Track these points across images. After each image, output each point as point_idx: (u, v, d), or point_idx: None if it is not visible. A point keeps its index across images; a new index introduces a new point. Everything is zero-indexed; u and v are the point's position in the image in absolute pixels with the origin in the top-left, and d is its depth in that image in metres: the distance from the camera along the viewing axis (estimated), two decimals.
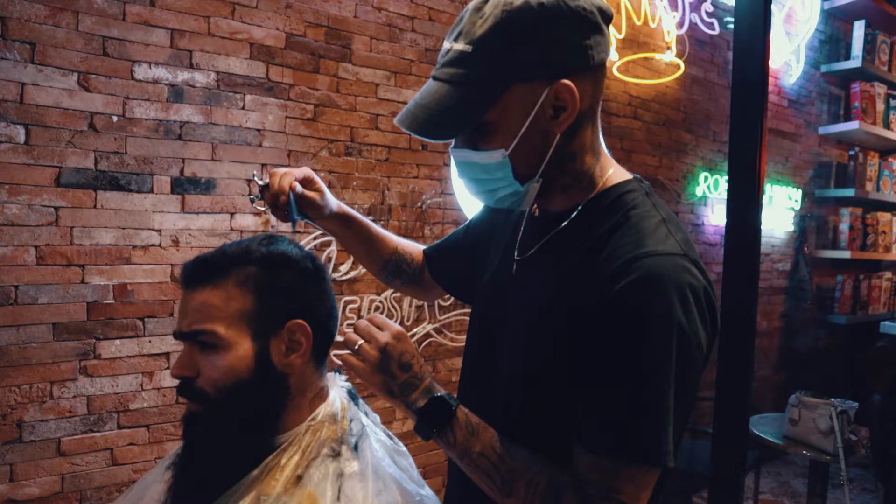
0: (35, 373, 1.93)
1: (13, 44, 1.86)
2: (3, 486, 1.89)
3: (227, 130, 2.25)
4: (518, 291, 0.92)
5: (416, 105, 0.81)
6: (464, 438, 0.82)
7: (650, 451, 0.75)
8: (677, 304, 0.74)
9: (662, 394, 0.74)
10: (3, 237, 1.87)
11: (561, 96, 0.79)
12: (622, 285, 0.75)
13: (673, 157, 3.80)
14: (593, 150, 0.87)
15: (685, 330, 0.74)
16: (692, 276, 0.77)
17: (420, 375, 0.84)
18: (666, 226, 0.81)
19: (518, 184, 0.83)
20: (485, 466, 0.81)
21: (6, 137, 1.86)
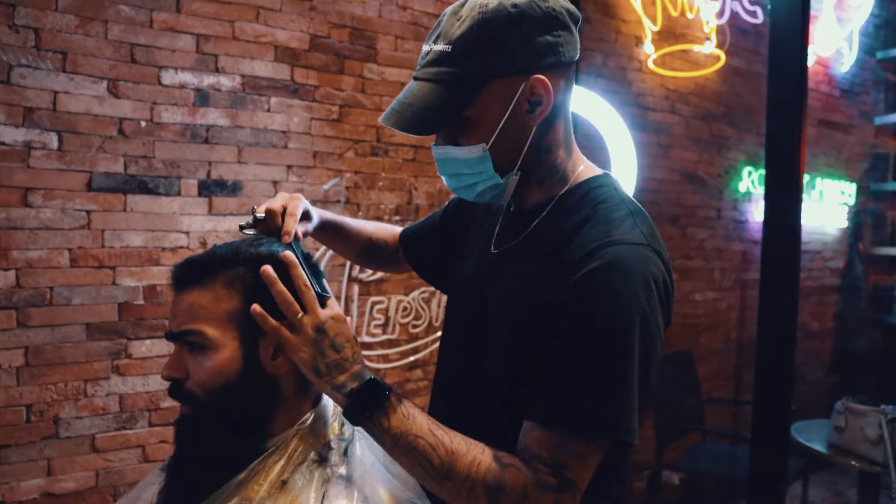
0: (70, 371, 1.99)
1: (46, 53, 1.93)
2: (41, 480, 1.96)
3: (253, 133, 2.27)
4: (495, 288, 0.94)
5: (400, 104, 0.85)
6: (398, 422, 0.79)
7: (610, 427, 0.77)
8: (640, 290, 0.78)
9: (623, 370, 0.77)
10: (39, 240, 1.94)
11: (536, 90, 0.83)
12: (588, 269, 0.78)
13: (714, 152, 3.66)
14: (566, 146, 0.92)
15: (646, 314, 0.78)
16: (654, 266, 0.81)
17: (351, 360, 0.82)
18: (633, 218, 0.85)
19: (498, 177, 0.87)
20: (423, 449, 0.78)
21: (40, 144, 1.93)
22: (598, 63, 3.16)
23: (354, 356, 0.83)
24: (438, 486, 0.80)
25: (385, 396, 0.80)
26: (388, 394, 0.80)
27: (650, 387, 0.82)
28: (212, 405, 0.84)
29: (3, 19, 1.86)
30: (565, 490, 0.77)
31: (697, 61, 3.52)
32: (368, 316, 2.56)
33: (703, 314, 3.66)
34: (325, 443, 0.87)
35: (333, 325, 0.83)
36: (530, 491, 0.77)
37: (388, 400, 0.80)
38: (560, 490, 0.77)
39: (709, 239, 3.68)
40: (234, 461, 0.84)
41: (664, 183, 3.44)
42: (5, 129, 1.88)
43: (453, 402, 0.98)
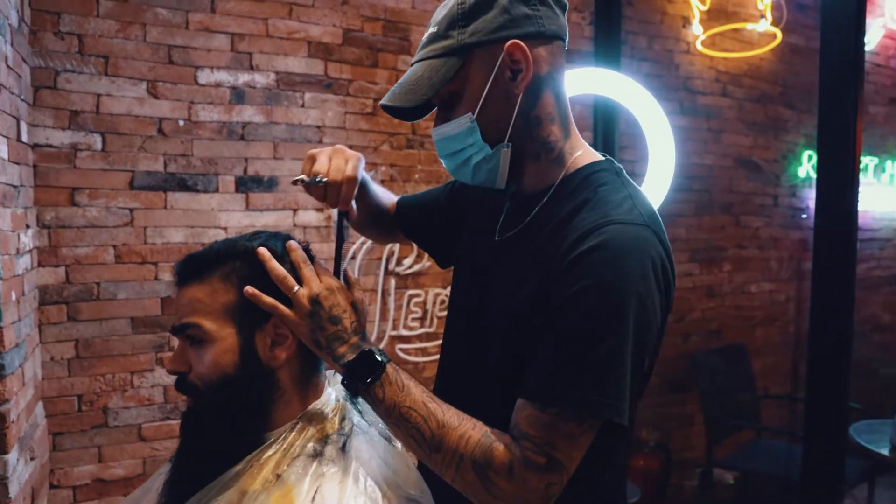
0: (117, 363, 2.08)
1: (89, 58, 2.00)
2: (92, 467, 2.06)
3: (288, 129, 2.30)
4: (496, 277, 0.94)
5: (397, 85, 0.90)
6: (393, 393, 0.82)
7: (599, 406, 0.75)
8: (636, 271, 0.77)
9: (616, 354, 0.76)
10: (86, 238, 2.02)
11: (515, 57, 0.84)
12: (584, 248, 0.78)
13: (770, 136, 3.48)
14: (561, 124, 0.91)
15: (642, 296, 0.77)
16: (652, 247, 0.80)
17: (349, 330, 0.85)
18: (632, 200, 0.84)
19: (488, 147, 0.88)
20: (414, 420, 0.81)
21: (85, 146, 2.01)
22: (642, 46, 3.05)
23: (353, 326, 0.85)
24: (429, 458, 0.82)
25: (380, 367, 0.82)
26: (383, 364, 0.83)
27: (645, 372, 0.81)
28: (211, 397, 0.86)
29: (49, 27, 1.95)
30: (552, 470, 0.77)
31: (751, 40, 3.34)
32: (406, 309, 2.56)
33: (758, 306, 3.49)
34: (323, 437, 0.87)
35: (328, 295, 0.85)
36: (517, 468, 0.77)
37: (383, 371, 0.82)
38: (547, 469, 0.77)
39: (764, 227, 3.50)
40: (233, 453, 0.85)
41: (715, 169, 3.29)
42: (53, 132, 1.97)
43: (455, 391, 0.97)
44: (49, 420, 2.00)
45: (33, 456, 1.81)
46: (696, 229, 3.25)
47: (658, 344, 0.85)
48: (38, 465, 1.87)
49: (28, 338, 1.81)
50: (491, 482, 0.78)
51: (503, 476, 0.77)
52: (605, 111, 2.83)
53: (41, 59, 1.94)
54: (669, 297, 0.84)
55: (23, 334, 1.74)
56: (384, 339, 2.52)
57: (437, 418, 0.81)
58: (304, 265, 0.87)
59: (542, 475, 0.77)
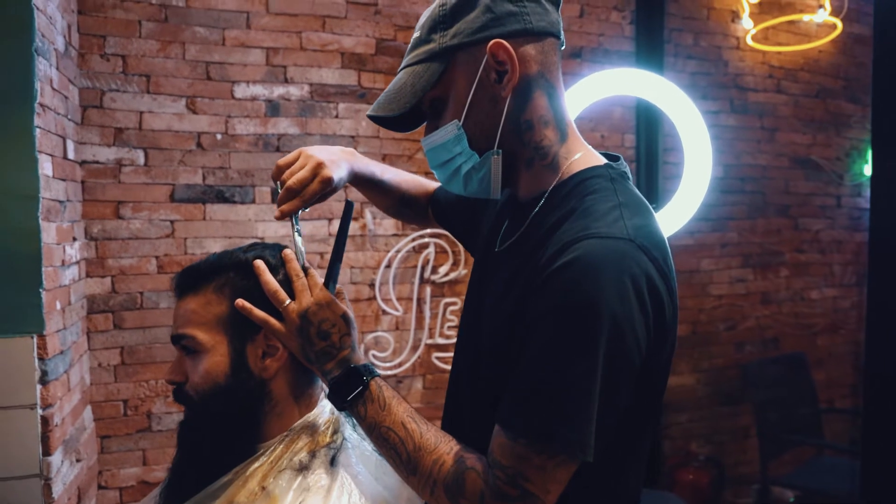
0: (159, 370, 2.16)
1: (132, 77, 2.09)
2: (137, 469, 2.14)
3: (323, 139, 2.34)
4: (490, 288, 0.91)
5: (382, 95, 0.88)
6: (374, 412, 0.82)
7: (561, 441, 0.70)
8: (610, 289, 0.70)
9: (583, 383, 0.70)
10: (130, 249, 2.11)
11: (499, 57, 0.80)
12: (557, 265, 0.72)
13: (831, 133, 3.28)
14: (556, 127, 0.86)
15: (617, 318, 0.70)
16: (634, 263, 0.72)
17: (338, 345, 0.85)
18: (620, 210, 0.77)
19: (476, 155, 0.85)
20: (392, 441, 0.81)
21: (129, 161, 2.10)
22: (687, 44, 2.94)
23: (342, 341, 0.85)
24: (406, 480, 0.82)
25: (363, 385, 0.83)
26: (365, 381, 0.83)
27: (619, 402, 0.73)
28: (204, 407, 0.87)
29: (96, 49, 2.05)
30: (525, 502, 0.72)
31: (808, 32, 3.17)
32: (441, 318, 2.55)
33: (819, 314, 3.29)
34: (312, 450, 0.86)
35: (317, 310, 0.85)
36: (487, 498, 0.74)
37: (366, 388, 0.83)
38: (520, 502, 0.73)
39: (826, 230, 3.30)
40: (224, 463, 0.86)
41: (769, 170, 3.13)
42: (100, 149, 2.07)
43: (455, 406, 0.96)
44: (97, 423, 2.09)
45: (80, 458, 1.90)
46: (749, 232, 3.10)
47: (657, 373, 0.79)
48: (86, 467, 1.95)
49: (74, 345, 1.90)
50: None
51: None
52: (648, 113, 2.75)
53: (88, 80, 2.05)
54: (662, 318, 0.76)
55: (68, 342, 1.83)
56: (420, 347, 2.51)
57: (414, 441, 0.80)
58: (297, 278, 0.88)
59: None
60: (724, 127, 2.98)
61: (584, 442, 0.70)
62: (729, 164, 3.00)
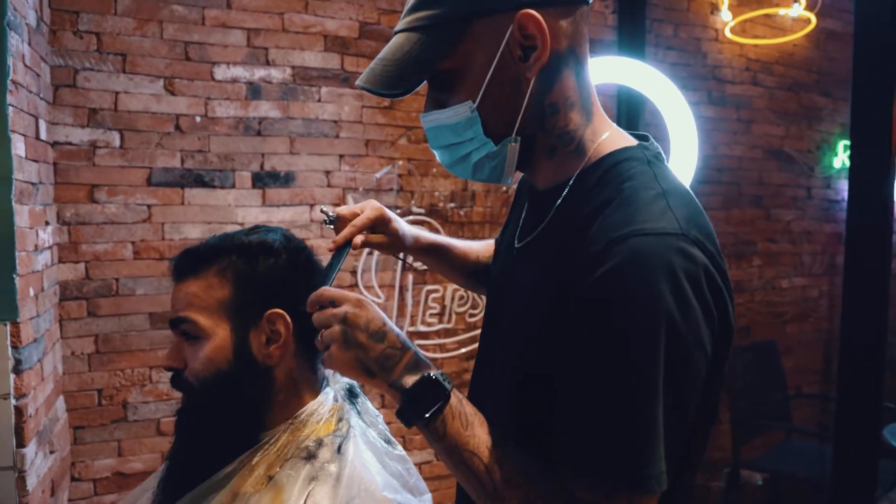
0: (136, 358, 2.10)
1: (107, 56, 2.02)
2: (111, 460, 2.09)
3: (305, 123, 2.29)
4: (514, 283, 0.82)
5: (376, 61, 0.74)
6: (455, 431, 0.69)
7: (625, 473, 0.62)
8: (668, 295, 0.60)
9: (645, 403, 0.62)
10: (104, 234, 2.04)
11: (527, 31, 0.68)
12: (600, 273, 0.62)
13: (803, 126, 3.35)
14: (582, 108, 0.75)
15: (678, 325, 0.61)
16: (688, 260, 0.62)
17: (399, 345, 0.71)
18: (665, 199, 0.67)
19: (491, 143, 0.73)
20: (477, 468, 0.68)
21: (104, 143, 2.03)
22: (667, 35, 2.96)
23: (400, 339, 0.72)
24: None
25: (445, 396, 0.69)
26: (447, 392, 0.69)
27: (689, 418, 0.65)
28: (205, 394, 0.84)
29: (68, 26, 1.97)
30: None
31: (783, 26, 3.22)
32: (424, 305, 2.54)
33: (789, 302, 3.38)
34: (318, 438, 0.85)
35: (359, 312, 0.72)
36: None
37: (446, 403, 0.69)
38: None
39: (797, 220, 3.38)
40: (227, 452, 0.84)
41: (745, 161, 3.19)
42: (73, 129, 1.99)
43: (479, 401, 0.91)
44: (70, 414, 2.03)
45: (53, 449, 1.84)
46: (724, 223, 3.15)
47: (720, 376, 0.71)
48: (59, 459, 1.90)
49: (48, 333, 1.84)
50: None
51: None
52: (629, 101, 2.76)
53: (60, 58, 1.96)
54: (726, 316, 0.67)
55: (42, 329, 1.76)
56: None
57: (502, 471, 0.68)
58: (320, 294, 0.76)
59: None
60: (701, 118, 3.01)
61: (653, 474, 0.62)
62: (707, 154, 3.04)
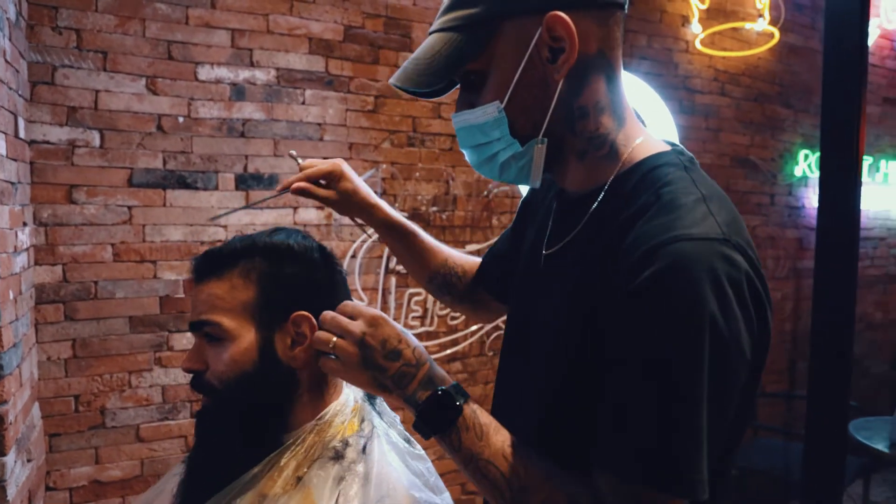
0: (115, 363, 2.05)
1: (87, 53, 1.97)
2: (89, 468, 2.03)
3: (289, 126, 2.28)
4: (544, 291, 0.82)
5: (409, 60, 0.76)
6: (470, 442, 0.70)
7: (672, 480, 0.62)
8: (712, 301, 0.60)
9: (690, 410, 0.62)
10: (83, 236, 1.99)
11: (555, 32, 0.69)
12: (644, 277, 0.62)
13: (767, 135, 3.49)
14: (613, 113, 0.75)
15: (721, 332, 0.61)
16: (731, 265, 0.62)
17: (414, 361, 0.73)
18: (706, 204, 0.67)
19: (517, 143, 0.74)
20: (493, 477, 0.69)
21: (83, 142, 1.98)
22: (641, 45, 3.05)
23: (416, 356, 0.73)
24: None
25: (456, 410, 0.71)
26: (459, 406, 0.71)
27: (727, 417, 0.65)
28: (229, 396, 0.84)
29: (47, 21, 1.91)
30: None
31: (749, 40, 3.35)
32: (406, 308, 2.55)
33: None
34: (344, 439, 0.85)
35: (375, 332, 0.73)
36: None
37: (460, 413, 0.71)
38: None
39: (761, 226, 3.52)
40: (251, 454, 0.84)
41: (713, 168, 3.30)
42: (51, 128, 1.94)
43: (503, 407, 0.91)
44: (45, 421, 1.97)
45: (30, 458, 1.78)
46: None
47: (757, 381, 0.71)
48: (35, 467, 1.84)
49: (25, 337, 1.78)
50: None
51: None
52: None
53: (38, 55, 1.91)
54: (765, 322, 0.67)
55: (20, 334, 1.71)
56: None
57: (520, 477, 0.69)
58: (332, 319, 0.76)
59: None
60: (675, 126, 3.11)
61: (697, 479, 0.62)
62: None
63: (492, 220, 2.72)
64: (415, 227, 1.16)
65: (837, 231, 1.95)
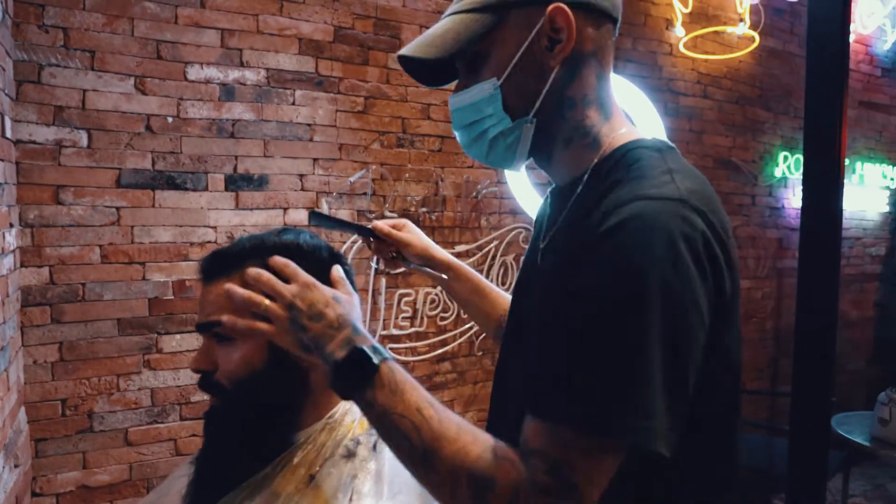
0: (102, 366, 2.02)
1: (74, 52, 1.94)
2: (76, 473, 2.00)
3: (279, 126, 2.27)
4: (534, 284, 0.84)
5: (420, 37, 0.81)
6: (385, 398, 0.69)
7: (603, 422, 0.61)
8: (664, 257, 0.62)
9: (630, 354, 0.61)
10: (71, 237, 1.96)
11: (556, 24, 0.75)
12: (601, 231, 0.65)
13: (748, 137, 3.56)
14: (600, 107, 0.80)
15: (669, 283, 0.62)
16: (686, 223, 0.64)
17: (337, 324, 0.74)
18: (671, 175, 0.69)
19: (508, 118, 0.78)
20: (406, 429, 0.68)
21: (70, 142, 1.95)
22: (626, 47, 3.09)
23: (340, 319, 0.75)
24: (421, 475, 0.69)
25: (372, 367, 0.71)
26: (375, 363, 0.71)
27: (686, 377, 0.64)
28: (239, 396, 0.84)
29: (33, 19, 1.88)
30: (565, 494, 0.62)
31: (730, 43, 3.41)
32: (396, 308, 2.55)
33: None
34: (355, 437, 0.86)
35: (302, 293, 0.75)
36: (523, 491, 0.63)
37: (375, 371, 0.71)
38: (559, 495, 0.62)
39: (743, 226, 3.58)
40: (261, 453, 0.84)
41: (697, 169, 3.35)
42: (37, 128, 1.91)
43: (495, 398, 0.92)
44: (31, 426, 1.94)
45: (17, 463, 1.75)
46: None
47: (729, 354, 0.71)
48: (22, 473, 1.80)
49: (11, 341, 1.75)
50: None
51: (505, 500, 0.63)
52: None
53: (25, 53, 1.88)
54: (722, 288, 0.67)
55: (6, 337, 1.68)
56: (375, 338, 2.49)
57: (433, 428, 0.68)
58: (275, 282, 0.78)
59: (553, 500, 0.62)
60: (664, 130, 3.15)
61: (642, 427, 0.61)
62: None
63: (480, 221, 2.74)
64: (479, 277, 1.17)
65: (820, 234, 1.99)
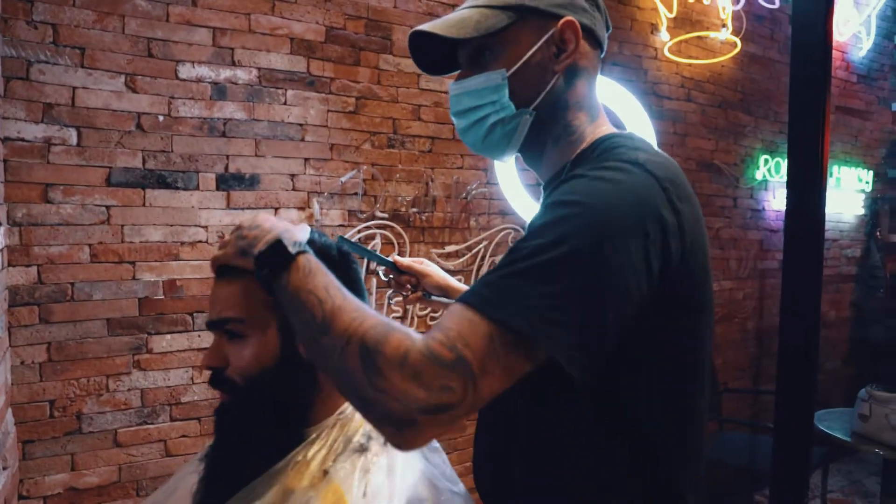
0: (91, 366, 2.00)
1: (64, 49, 1.92)
2: (65, 475, 1.97)
3: (270, 126, 2.26)
4: None
5: (438, 20, 0.87)
6: (297, 280, 0.74)
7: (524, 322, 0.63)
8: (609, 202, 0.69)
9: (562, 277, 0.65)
10: (59, 236, 1.94)
11: (565, 35, 0.84)
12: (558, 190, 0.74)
13: (730, 140, 3.63)
14: (589, 112, 0.89)
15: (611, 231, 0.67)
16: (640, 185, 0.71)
17: (268, 230, 0.81)
18: (636, 153, 0.76)
19: (512, 107, 0.85)
20: (310, 304, 0.71)
21: (60, 140, 1.93)
22: (613, 51, 3.13)
23: (273, 227, 0.82)
24: (315, 344, 0.71)
25: (288, 255, 0.76)
26: (291, 253, 0.76)
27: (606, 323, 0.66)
28: (251, 393, 0.85)
29: (22, 15, 1.86)
30: (455, 369, 0.62)
31: (713, 48, 3.48)
32: (386, 309, 2.55)
33: (718, 304, 3.63)
34: (367, 433, 0.87)
35: (247, 219, 0.85)
36: (413, 357, 0.63)
37: (292, 259, 0.76)
38: (449, 367, 0.62)
39: (725, 228, 3.65)
40: (273, 449, 0.84)
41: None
42: (25, 125, 1.88)
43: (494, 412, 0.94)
44: (19, 427, 1.91)
45: (5, 466, 1.73)
46: None
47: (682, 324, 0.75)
48: (9, 475, 1.78)
49: None
50: (376, 370, 0.63)
51: (393, 364, 0.63)
52: None
53: (12, 49, 1.85)
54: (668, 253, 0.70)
55: None
56: None
57: (335, 303, 0.70)
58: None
59: (441, 371, 0.62)
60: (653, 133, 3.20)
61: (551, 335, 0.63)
62: None
63: (470, 222, 2.75)
64: None
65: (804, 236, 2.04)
